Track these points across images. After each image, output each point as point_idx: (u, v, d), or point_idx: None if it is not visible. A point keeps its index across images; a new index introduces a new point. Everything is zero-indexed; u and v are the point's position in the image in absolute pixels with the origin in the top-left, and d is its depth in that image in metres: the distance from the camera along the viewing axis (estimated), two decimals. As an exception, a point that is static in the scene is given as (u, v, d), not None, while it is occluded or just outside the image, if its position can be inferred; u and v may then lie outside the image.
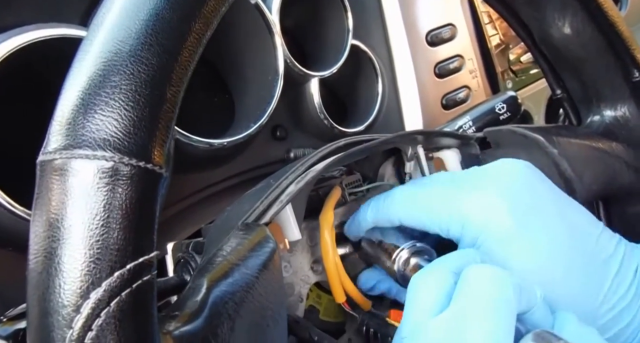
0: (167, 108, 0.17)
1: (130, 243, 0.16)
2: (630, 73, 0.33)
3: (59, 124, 0.16)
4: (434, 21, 0.56)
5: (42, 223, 0.16)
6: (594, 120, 0.36)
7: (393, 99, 0.55)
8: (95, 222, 0.15)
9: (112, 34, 0.17)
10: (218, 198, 0.50)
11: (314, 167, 0.30)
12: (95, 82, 0.16)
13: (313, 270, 0.35)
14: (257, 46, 0.45)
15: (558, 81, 0.36)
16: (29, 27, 0.33)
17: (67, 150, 0.16)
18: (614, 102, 0.34)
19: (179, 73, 0.17)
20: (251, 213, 0.27)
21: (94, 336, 0.15)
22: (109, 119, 0.16)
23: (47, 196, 0.16)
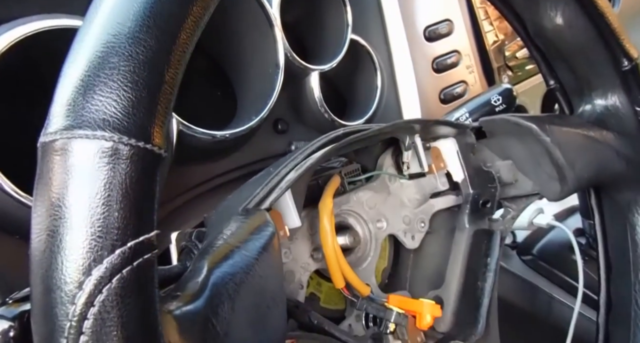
0: (165, 89, 0.17)
1: (130, 221, 0.15)
2: (620, 62, 0.33)
3: (59, 105, 0.16)
4: (432, 17, 0.56)
5: (43, 203, 0.15)
6: (585, 110, 0.36)
7: (392, 93, 0.55)
8: (96, 200, 0.15)
9: (110, 16, 0.17)
10: (221, 191, 0.50)
11: (313, 155, 0.29)
12: (94, 63, 0.16)
13: (313, 257, 0.35)
14: (258, 40, 0.45)
15: (551, 71, 0.36)
16: (34, 17, 0.33)
17: (68, 131, 0.16)
18: (605, 92, 0.34)
19: (177, 55, 0.17)
20: (251, 199, 0.27)
21: (96, 312, 0.15)
22: (108, 99, 0.16)
23: (48, 176, 0.16)
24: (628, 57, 0.33)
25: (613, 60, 0.33)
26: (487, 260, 0.40)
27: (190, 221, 0.47)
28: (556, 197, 0.36)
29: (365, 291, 0.35)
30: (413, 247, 0.40)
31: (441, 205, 0.41)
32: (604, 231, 0.38)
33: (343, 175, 0.37)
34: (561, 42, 0.33)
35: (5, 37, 0.31)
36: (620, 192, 0.37)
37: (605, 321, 0.38)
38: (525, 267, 0.76)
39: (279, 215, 0.30)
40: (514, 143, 0.37)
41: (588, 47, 0.32)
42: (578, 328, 0.49)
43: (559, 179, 0.34)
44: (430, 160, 0.39)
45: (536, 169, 0.36)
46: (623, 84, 0.33)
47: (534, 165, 0.36)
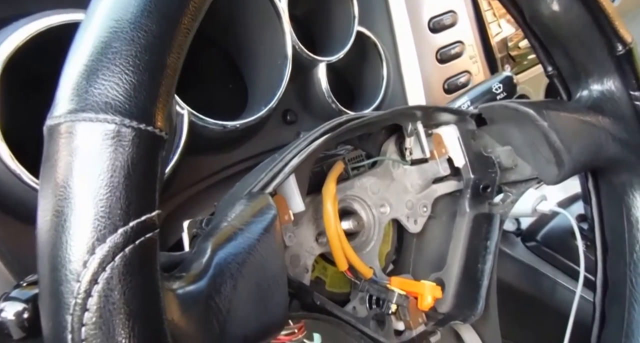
0: (167, 73, 0.16)
1: (132, 202, 0.15)
2: (614, 47, 0.32)
3: (64, 89, 0.16)
4: (436, 8, 0.54)
5: (49, 184, 0.15)
6: (582, 95, 0.35)
7: (397, 83, 0.54)
8: (99, 181, 0.15)
9: (113, 2, 0.16)
10: (233, 180, 0.49)
11: (316, 141, 0.29)
12: (97, 48, 0.16)
13: (318, 242, 0.34)
14: (268, 33, 0.45)
15: (548, 58, 0.35)
16: (48, 12, 0.33)
17: (72, 114, 0.15)
18: (601, 77, 0.34)
19: (178, 39, 0.17)
20: (256, 184, 0.26)
21: (100, 289, 0.15)
22: (110, 83, 0.15)
23: (53, 158, 0.16)
24: (622, 42, 0.32)
25: (608, 45, 0.32)
26: (487, 243, 0.39)
27: (203, 210, 0.47)
28: (554, 180, 0.35)
29: (368, 273, 0.35)
30: (416, 231, 0.40)
31: (443, 190, 0.40)
32: (601, 213, 0.37)
33: (347, 161, 0.36)
34: (557, 28, 0.32)
35: (23, 31, 0.31)
36: (616, 175, 0.36)
37: (602, 300, 0.38)
38: (530, 253, 0.75)
39: (283, 200, 0.30)
40: (513, 129, 0.36)
41: (583, 33, 0.32)
42: (580, 311, 0.49)
43: (556, 163, 0.34)
44: (432, 146, 0.38)
45: (534, 153, 0.36)
46: (618, 69, 0.33)
47: (533, 150, 0.36)
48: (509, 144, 0.38)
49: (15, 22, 0.32)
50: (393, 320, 0.34)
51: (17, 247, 0.33)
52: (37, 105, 0.37)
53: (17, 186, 0.32)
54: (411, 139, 0.37)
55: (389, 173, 0.38)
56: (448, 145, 0.39)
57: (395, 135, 0.39)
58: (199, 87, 0.49)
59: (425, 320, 0.35)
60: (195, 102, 0.39)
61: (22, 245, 0.33)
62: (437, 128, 0.39)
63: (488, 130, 0.39)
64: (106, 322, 0.15)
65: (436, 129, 0.39)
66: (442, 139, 0.38)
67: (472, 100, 0.45)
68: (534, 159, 0.36)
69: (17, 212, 0.34)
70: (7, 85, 0.31)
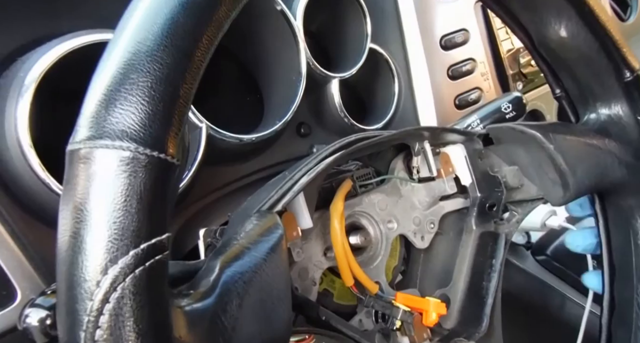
0: (180, 103, 0.17)
1: (144, 225, 0.16)
2: (622, 73, 0.32)
3: (85, 116, 0.17)
4: (448, 26, 0.54)
5: (68, 206, 0.16)
6: (590, 118, 0.35)
7: (409, 98, 0.54)
8: (113, 206, 0.16)
9: (132, 36, 0.17)
10: (248, 190, 0.50)
11: (325, 160, 0.29)
12: (116, 79, 0.16)
13: (326, 256, 0.35)
14: (283, 49, 0.45)
15: (557, 81, 0.35)
16: (80, 32, 0.34)
17: (91, 141, 0.16)
18: (608, 101, 0.33)
19: (192, 72, 0.17)
20: (266, 202, 0.27)
21: (111, 308, 0.15)
22: (127, 112, 0.16)
23: (73, 182, 0.16)
24: (630, 69, 0.32)
25: (615, 72, 0.32)
26: (492, 261, 0.39)
27: (218, 218, 0.48)
28: (559, 202, 0.35)
29: (374, 289, 0.34)
30: (423, 247, 0.39)
31: (450, 208, 0.40)
32: (608, 235, 0.37)
33: (355, 178, 0.36)
34: (565, 53, 0.32)
35: (56, 50, 0.32)
36: (623, 199, 0.36)
37: (609, 321, 0.37)
38: (539, 267, 0.74)
39: (292, 217, 0.30)
40: (520, 150, 0.36)
41: (591, 59, 0.32)
42: (589, 326, 0.47)
43: (562, 185, 0.34)
44: (439, 165, 0.38)
45: (540, 174, 0.35)
46: (625, 95, 0.33)
47: (539, 171, 0.35)
48: (515, 164, 0.38)
49: (48, 42, 0.34)
50: (398, 335, 0.34)
51: (45, 251, 0.34)
52: (65, 116, 0.39)
53: (46, 194, 0.33)
54: (418, 158, 0.37)
55: (397, 190, 0.38)
56: (455, 164, 0.39)
57: (403, 153, 0.39)
58: (217, 98, 0.49)
59: (430, 336, 0.35)
60: (213, 113, 0.40)
61: (50, 249, 0.34)
62: (444, 147, 0.39)
63: (495, 149, 0.38)
64: (116, 339, 0.15)
65: (443, 148, 0.39)
66: (449, 158, 0.38)
67: (482, 119, 0.45)
68: (540, 180, 0.36)
69: (46, 218, 0.35)
70: (38, 99, 0.32)
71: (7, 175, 0.33)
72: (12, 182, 0.33)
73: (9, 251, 0.32)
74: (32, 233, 0.34)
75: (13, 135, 0.32)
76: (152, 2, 0.17)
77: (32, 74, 0.32)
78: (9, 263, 0.32)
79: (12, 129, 0.32)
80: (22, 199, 0.34)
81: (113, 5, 0.38)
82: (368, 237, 0.36)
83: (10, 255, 0.32)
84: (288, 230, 0.30)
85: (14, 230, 0.33)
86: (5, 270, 0.32)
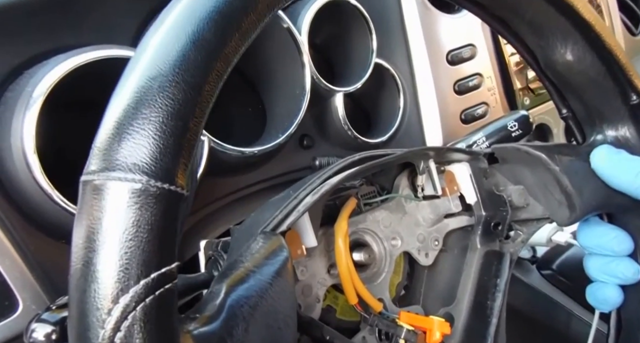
0: (189, 137, 0.18)
1: (154, 255, 0.17)
2: (629, 97, 0.33)
3: (98, 149, 0.17)
4: (455, 41, 0.55)
5: (81, 235, 0.17)
6: (597, 139, 0.36)
7: (414, 113, 0.55)
8: (125, 236, 0.16)
9: (145, 72, 0.18)
10: (249, 200, 0.51)
11: (329, 181, 0.30)
12: (128, 113, 0.17)
13: (330, 273, 0.35)
14: (288, 64, 0.46)
15: (563, 101, 0.36)
16: (87, 48, 0.35)
17: (104, 173, 0.17)
18: (615, 123, 0.34)
19: (201, 106, 0.18)
20: (270, 221, 0.27)
21: (122, 336, 0.16)
22: (139, 146, 0.17)
23: (86, 212, 0.17)
24: (636, 92, 0.32)
25: (622, 95, 0.33)
26: (496, 281, 0.39)
27: (219, 228, 0.49)
28: (565, 222, 0.36)
29: (377, 307, 0.35)
30: (427, 264, 0.40)
31: (455, 225, 0.41)
32: None
33: (359, 196, 0.37)
34: (571, 76, 0.33)
35: (64, 65, 0.34)
36: (629, 219, 0.36)
37: (615, 341, 0.38)
38: (545, 282, 0.74)
39: (296, 235, 0.31)
40: (525, 170, 0.37)
41: (597, 82, 0.32)
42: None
43: (568, 206, 0.34)
44: (443, 184, 0.39)
45: (546, 195, 0.36)
46: (632, 117, 0.33)
47: (544, 192, 0.36)
48: (520, 183, 0.38)
49: (55, 57, 0.35)
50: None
51: (47, 262, 0.35)
52: (69, 127, 0.40)
53: (49, 206, 0.34)
54: (423, 176, 0.38)
55: (401, 207, 0.39)
56: (460, 183, 0.39)
57: (407, 170, 0.39)
58: (219, 109, 0.50)
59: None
60: (215, 124, 0.41)
61: (52, 260, 0.35)
62: (449, 165, 0.39)
63: (500, 169, 0.39)
64: (128, 366, 0.16)
65: (448, 166, 0.39)
66: (454, 176, 0.39)
67: (487, 136, 0.46)
68: (546, 200, 0.37)
69: (48, 229, 0.36)
70: (44, 111, 0.33)
71: (11, 187, 0.34)
72: (16, 193, 0.34)
73: (12, 262, 0.33)
74: (35, 244, 0.35)
75: (19, 148, 0.33)
76: (164, 39, 0.18)
77: (40, 88, 0.33)
78: (12, 274, 0.33)
79: (18, 141, 0.33)
80: (26, 210, 0.35)
81: (116, 20, 0.39)
82: (372, 254, 0.37)
83: (13, 266, 0.33)
84: (292, 248, 0.31)
85: (17, 241, 0.34)
86: (8, 280, 0.33)
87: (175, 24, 0.19)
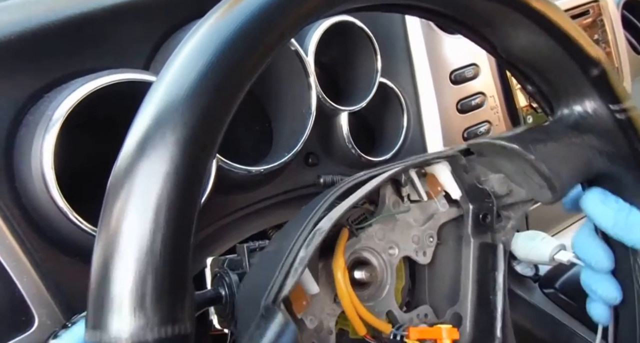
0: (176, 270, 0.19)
1: None
2: (588, 70, 0.34)
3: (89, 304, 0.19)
4: (459, 61, 0.58)
5: None
6: (564, 113, 0.37)
7: (417, 131, 0.57)
8: None
9: None
10: (255, 217, 0.53)
11: (319, 227, 0.31)
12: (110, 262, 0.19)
13: (336, 302, 0.36)
14: (294, 84, 0.49)
15: (527, 80, 0.37)
16: (103, 72, 0.38)
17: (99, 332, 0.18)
18: (580, 96, 0.35)
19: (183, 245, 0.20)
20: (271, 288, 0.28)
21: None
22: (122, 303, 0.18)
23: None
24: (594, 64, 0.34)
25: (582, 69, 0.34)
26: (495, 274, 0.41)
27: (225, 245, 0.51)
28: (549, 202, 0.37)
29: (386, 330, 0.36)
30: (426, 262, 0.41)
31: (446, 218, 0.42)
32: None
33: (350, 222, 0.38)
34: (530, 59, 0.34)
35: (82, 89, 0.36)
36: (610, 186, 0.37)
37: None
38: (547, 300, 0.75)
39: (299, 287, 0.32)
40: (503, 160, 0.38)
41: (556, 60, 0.34)
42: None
43: (549, 188, 0.35)
44: (427, 187, 0.40)
45: (527, 180, 0.37)
46: (595, 88, 0.34)
47: (524, 177, 0.37)
48: (500, 172, 0.40)
49: (74, 80, 0.37)
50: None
51: (62, 279, 0.37)
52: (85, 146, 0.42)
53: (67, 225, 0.36)
54: (407, 187, 0.39)
55: (391, 217, 0.40)
56: (443, 182, 0.40)
57: (391, 179, 0.40)
58: (228, 128, 0.53)
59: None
60: (224, 142, 0.43)
61: (67, 277, 0.38)
62: (429, 166, 0.41)
63: (479, 160, 0.40)
64: None
65: (428, 168, 0.41)
66: (435, 177, 0.40)
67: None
68: (528, 185, 0.38)
69: (66, 248, 0.38)
70: (62, 132, 0.35)
71: (31, 206, 0.37)
72: (35, 212, 0.37)
73: (29, 279, 0.35)
74: (51, 261, 0.37)
75: (38, 168, 0.36)
76: None
77: (59, 112, 0.35)
78: (29, 291, 0.35)
79: (38, 162, 0.35)
80: (44, 228, 0.37)
81: (130, 45, 0.42)
82: (373, 272, 0.39)
83: (30, 283, 0.35)
84: (297, 303, 0.32)
85: (35, 259, 0.36)
86: (25, 297, 0.35)
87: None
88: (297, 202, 0.53)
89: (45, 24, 0.38)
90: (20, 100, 0.37)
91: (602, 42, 0.73)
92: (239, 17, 0.22)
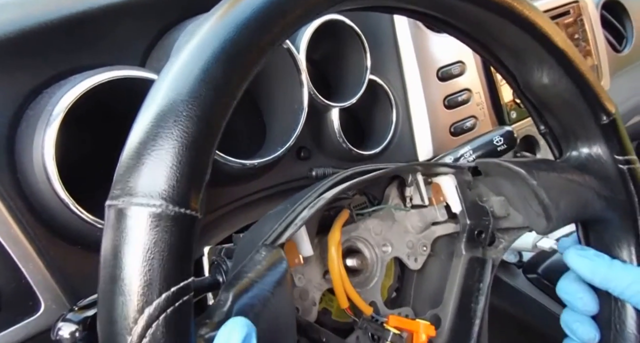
0: (202, 166, 0.20)
1: (173, 272, 0.19)
2: (599, 117, 0.35)
3: (121, 176, 0.20)
4: (445, 59, 0.58)
5: (108, 254, 0.20)
6: (572, 155, 0.38)
7: (406, 126, 0.58)
8: (147, 255, 0.19)
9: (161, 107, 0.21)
10: (249, 209, 0.54)
11: (324, 195, 0.33)
12: (148, 144, 0.20)
13: (325, 278, 0.38)
14: (288, 82, 0.49)
15: (541, 119, 0.39)
16: (101, 69, 0.38)
17: (126, 198, 0.20)
18: (588, 141, 0.37)
19: (210, 138, 0.21)
20: (270, 234, 0.30)
21: (147, 341, 0.19)
22: (158, 174, 0.20)
23: (112, 233, 0.20)
24: (606, 113, 0.35)
25: (594, 115, 0.35)
26: (480, 285, 0.42)
27: (221, 235, 0.51)
28: (544, 231, 0.38)
29: (367, 311, 0.38)
30: (416, 268, 0.43)
31: (441, 232, 0.43)
32: None
33: (352, 207, 0.40)
34: (547, 97, 0.36)
35: (81, 85, 0.36)
36: (604, 229, 0.39)
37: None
38: (530, 285, 0.77)
39: (294, 245, 0.34)
40: (506, 183, 0.39)
41: (571, 103, 0.35)
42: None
43: (545, 217, 0.37)
44: (430, 194, 0.41)
45: (525, 206, 0.39)
46: (604, 135, 0.36)
47: (524, 203, 0.39)
48: (502, 195, 0.41)
49: (72, 77, 0.37)
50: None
51: (66, 266, 0.38)
52: (85, 140, 0.42)
53: (68, 215, 0.36)
54: (411, 188, 0.40)
55: (391, 216, 0.41)
56: (446, 193, 0.42)
57: (396, 181, 0.42)
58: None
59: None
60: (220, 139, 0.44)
61: (70, 264, 0.38)
62: (435, 177, 0.42)
63: (483, 180, 0.42)
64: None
65: (435, 178, 0.42)
66: (440, 187, 0.42)
67: (474, 150, 0.49)
68: (525, 211, 0.39)
69: (67, 236, 0.38)
70: (62, 126, 0.35)
71: (34, 198, 0.37)
72: (38, 204, 0.37)
73: (34, 266, 0.36)
74: (54, 250, 0.38)
75: (40, 162, 0.36)
76: (176, 78, 0.21)
77: (59, 107, 0.35)
78: (34, 277, 0.36)
79: (39, 156, 0.36)
80: (47, 219, 0.37)
81: (126, 42, 0.42)
82: (365, 260, 0.40)
83: (35, 270, 0.36)
84: (290, 258, 0.33)
85: (39, 247, 0.36)
86: (31, 283, 0.36)
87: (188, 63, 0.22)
88: (289, 194, 0.53)
89: (43, 22, 0.38)
90: (21, 96, 0.37)
91: (582, 40, 0.74)
92: None
